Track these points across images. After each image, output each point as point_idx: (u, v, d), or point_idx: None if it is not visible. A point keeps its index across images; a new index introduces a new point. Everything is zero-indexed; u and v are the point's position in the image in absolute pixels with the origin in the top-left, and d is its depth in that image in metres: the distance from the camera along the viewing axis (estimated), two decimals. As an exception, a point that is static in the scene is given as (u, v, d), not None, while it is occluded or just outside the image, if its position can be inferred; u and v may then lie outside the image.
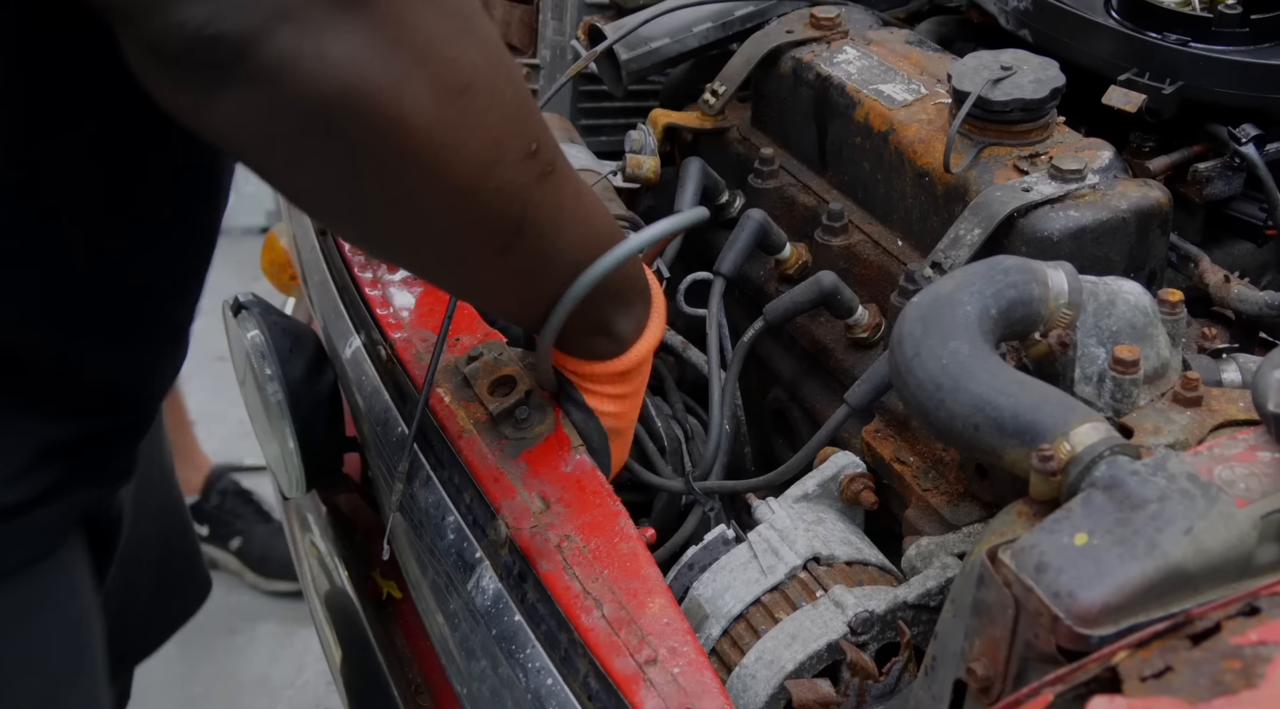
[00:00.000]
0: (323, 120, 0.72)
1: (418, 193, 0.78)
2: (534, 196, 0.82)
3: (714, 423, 1.05)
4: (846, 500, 1.02)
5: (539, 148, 0.81)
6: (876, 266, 1.14)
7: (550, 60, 1.55)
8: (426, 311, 1.17)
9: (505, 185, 0.80)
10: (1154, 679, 0.61)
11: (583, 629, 0.88)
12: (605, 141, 1.56)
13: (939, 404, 0.78)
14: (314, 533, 1.44)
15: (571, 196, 0.86)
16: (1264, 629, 0.62)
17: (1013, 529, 0.75)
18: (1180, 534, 0.67)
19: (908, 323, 0.82)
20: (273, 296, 1.49)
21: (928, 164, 1.09)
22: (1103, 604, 0.65)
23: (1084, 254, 1.00)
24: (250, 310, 1.19)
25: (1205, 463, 0.71)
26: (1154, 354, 0.86)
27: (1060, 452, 0.73)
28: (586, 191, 0.90)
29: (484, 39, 0.77)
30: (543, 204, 0.83)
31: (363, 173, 0.77)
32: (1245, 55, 1.15)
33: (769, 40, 1.27)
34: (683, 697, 0.82)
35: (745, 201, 1.27)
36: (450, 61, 0.74)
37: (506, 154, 0.78)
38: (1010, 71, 1.07)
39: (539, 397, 1.04)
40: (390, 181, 0.77)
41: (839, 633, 0.89)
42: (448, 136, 0.75)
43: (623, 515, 0.95)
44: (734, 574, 0.95)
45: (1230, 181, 1.17)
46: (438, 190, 0.78)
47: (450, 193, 0.79)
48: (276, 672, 2.43)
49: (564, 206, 0.86)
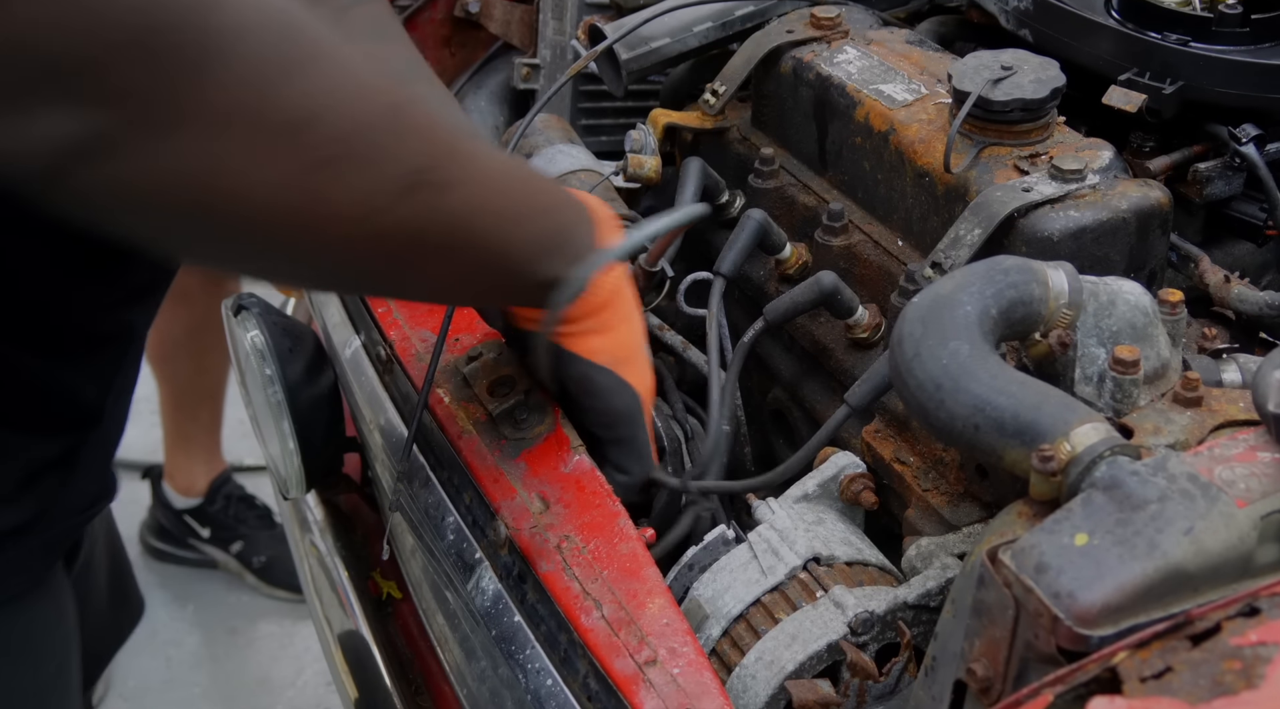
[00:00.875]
0: (179, 220, 0.71)
1: (311, 256, 0.77)
2: (439, 217, 0.79)
3: (712, 422, 1.05)
4: (847, 501, 1.02)
5: (426, 168, 0.77)
6: (877, 267, 1.14)
7: (550, 60, 1.55)
8: (426, 311, 1.17)
9: (398, 223, 0.77)
10: (1154, 680, 0.61)
11: (582, 630, 0.88)
12: (605, 141, 1.56)
13: (939, 404, 0.78)
14: (314, 533, 1.44)
15: (492, 192, 0.83)
16: (1264, 630, 0.62)
17: (1013, 529, 0.75)
18: (1180, 534, 0.67)
19: (908, 323, 0.82)
20: (272, 296, 1.50)
21: (928, 164, 1.09)
22: (1103, 605, 0.65)
23: (1084, 254, 1.00)
24: (250, 310, 1.19)
25: (1205, 463, 0.71)
26: (1154, 354, 0.86)
27: (1060, 452, 0.73)
28: (506, 172, 0.86)
29: (328, 91, 0.72)
30: (455, 215, 0.80)
31: (252, 251, 0.76)
32: (1245, 55, 1.14)
33: (769, 40, 1.27)
34: (682, 697, 0.82)
35: (745, 201, 1.27)
36: (288, 137, 0.70)
37: (380, 199, 0.75)
38: (1010, 71, 1.07)
39: (539, 397, 1.04)
40: (279, 252, 0.76)
41: (839, 633, 0.89)
42: (310, 210, 0.73)
43: (622, 516, 0.95)
44: (734, 575, 0.95)
45: (1230, 181, 1.17)
46: (332, 252, 0.77)
47: (342, 252, 0.77)
48: (276, 672, 2.43)
49: (486, 207, 0.82)
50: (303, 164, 0.71)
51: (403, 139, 0.77)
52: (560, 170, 1.26)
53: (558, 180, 1.24)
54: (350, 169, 0.73)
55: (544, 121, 1.35)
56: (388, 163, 0.75)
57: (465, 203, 0.81)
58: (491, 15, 1.62)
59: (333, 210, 0.73)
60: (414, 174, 0.77)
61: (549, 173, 1.26)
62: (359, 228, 0.75)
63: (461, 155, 0.81)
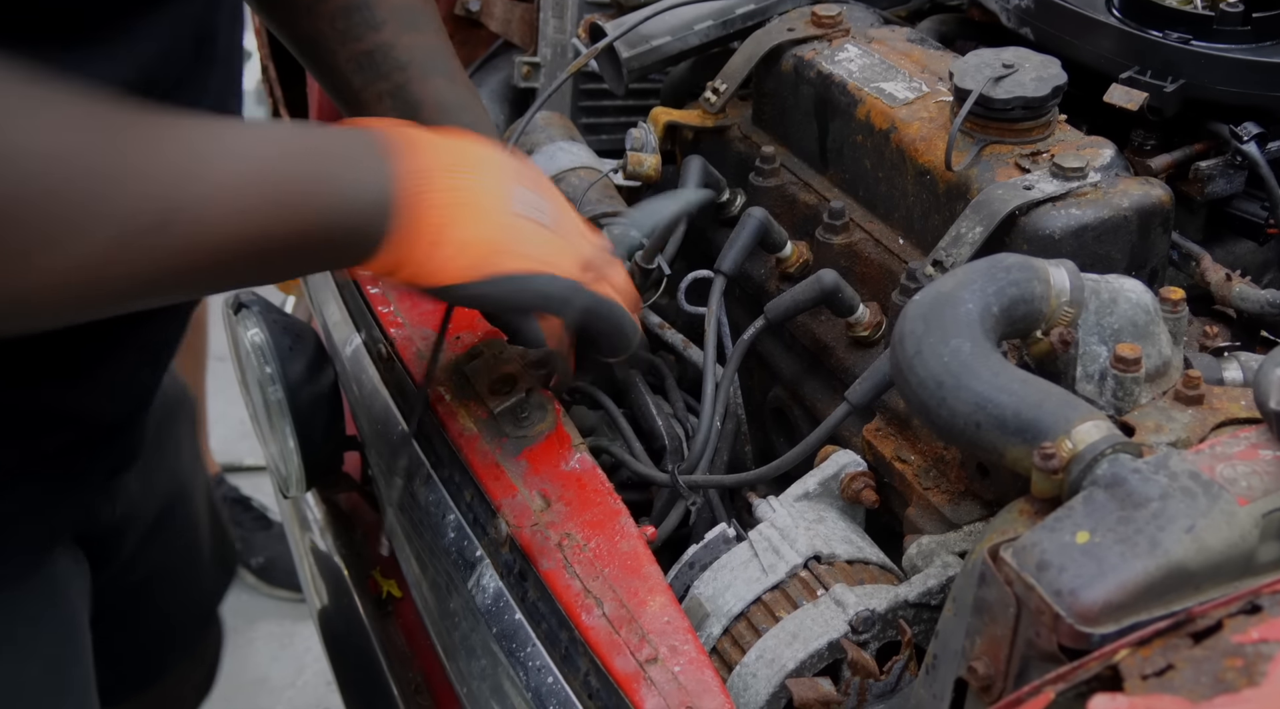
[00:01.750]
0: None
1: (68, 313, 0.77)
2: (182, 250, 0.76)
3: (704, 416, 1.05)
4: (847, 499, 1.02)
5: (143, 212, 0.73)
6: (878, 265, 1.14)
7: (551, 58, 1.55)
8: (427, 310, 1.17)
9: (131, 272, 0.74)
10: (1155, 677, 0.61)
11: (583, 628, 0.87)
12: (606, 139, 1.56)
13: (940, 402, 0.78)
14: (314, 532, 1.44)
15: (238, 195, 0.78)
16: (1265, 627, 0.62)
17: (1014, 527, 0.75)
18: (1182, 532, 0.66)
19: (909, 321, 0.82)
20: (272, 295, 1.49)
21: (929, 162, 1.09)
22: (1104, 602, 0.65)
23: (1085, 252, 1.00)
24: (250, 309, 1.19)
25: (1207, 461, 0.71)
26: (1155, 352, 0.86)
27: (1062, 450, 0.73)
28: (255, 165, 0.80)
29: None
30: (197, 242, 0.76)
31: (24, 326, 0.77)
32: (1247, 53, 1.14)
33: (770, 38, 1.27)
34: (683, 695, 0.82)
35: (746, 200, 1.27)
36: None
37: (92, 264, 0.72)
38: (1012, 69, 1.06)
39: (539, 395, 1.04)
40: (38, 318, 0.76)
41: (840, 631, 0.89)
42: (27, 292, 0.71)
43: (623, 514, 0.95)
44: (735, 573, 0.95)
45: (1232, 180, 1.17)
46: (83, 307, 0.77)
47: (104, 305, 0.77)
48: (276, 672, 2.43)
49: (233, 215, 0.78)
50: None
51: (107, 199, 0.72)
52: (560, 167, 1.25)
53: (554, 178, 1.24)
54: (46, 248, 0.70)
55: (545, 119, 1.35)
56: (93, 228, 0.71)
57: (206, 226, 0.77)
58: (492, 13, 1.62)
59: (54, 281, 0.71)
60: (129, 228, 0.73)
61: (549, 171, 1.26)
62: (95, 285, 0.73)
63: (193, 175, 0.76)
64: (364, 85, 1.12)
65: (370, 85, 1.12)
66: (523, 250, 0.88)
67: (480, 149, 0.90)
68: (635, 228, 1.05)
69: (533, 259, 0.88)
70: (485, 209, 0.87)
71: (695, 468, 1.05)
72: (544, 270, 0.89)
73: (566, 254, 0.91)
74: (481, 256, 0.86)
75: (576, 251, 0.91)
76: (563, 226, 0.92)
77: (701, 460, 1.05)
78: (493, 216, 0.87)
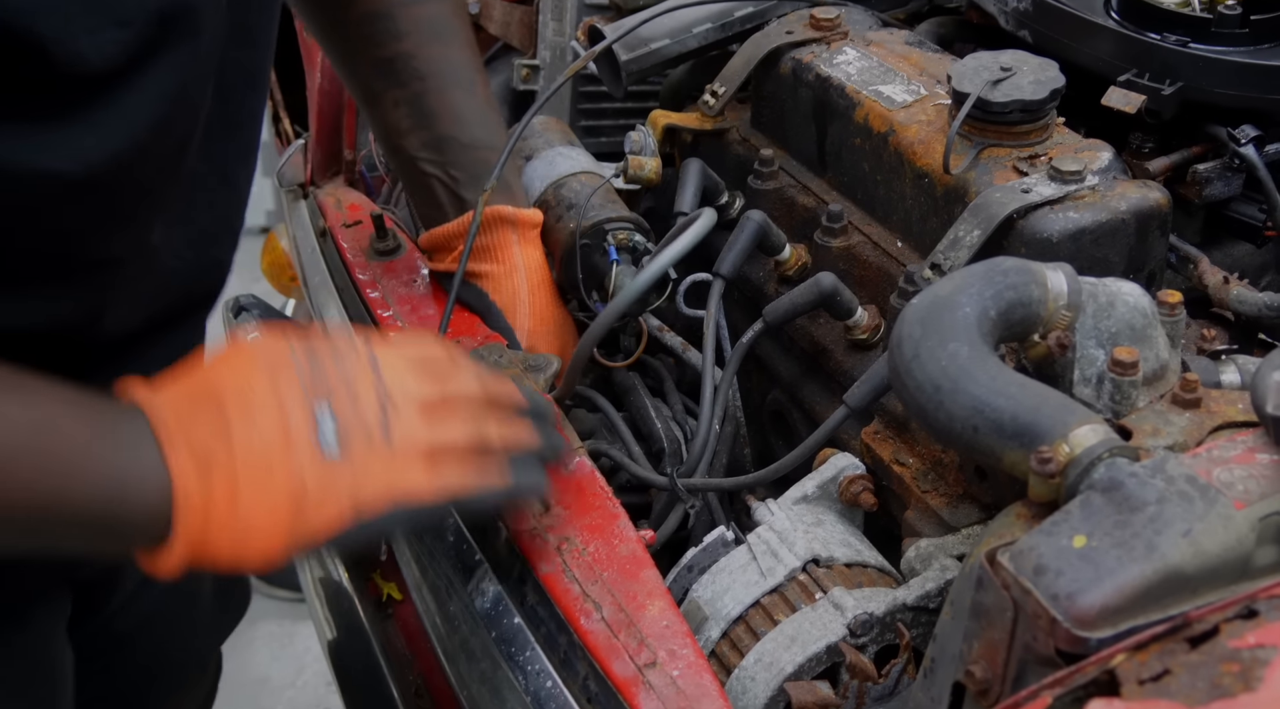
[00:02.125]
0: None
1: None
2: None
3: (703, 419, 1.05)
4: (846, 502, 1.02)
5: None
6: (876, 268, 1.14)
7: (550, 61, 1.55)
8: (426, 314, 1.17)
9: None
10: (1152, 682, 0.61)
11: (582, 632, 0.88)
12: (605, 142, 1.56)
13: (938, 406, 0.78)
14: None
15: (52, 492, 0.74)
16: (1262, 632, 0.62)
17: (1011, 531, 0.75)
18: (1179, 536, 0.67)
19: (907, 324, 0.82)
20: (272, 297, 1.50)
21: (927, 165, 1.09)
22: (1101, 607, 0.65)
23: (1083, 255, 1.00)
24: (250, 311, 1.20)
25: (1204, 465, 0.71)
26: (1153, 356, 0.86)
27: (1059, 454, 0.73)
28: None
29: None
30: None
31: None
32: (1245, 56, 1.14)
33: (769, 41, 1.27)
34: (682, 699, 0.82)
35: (745, 203, 1.27)
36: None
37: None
38: (1010, 72, 1.07)
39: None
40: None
41: (838, 635, 0.89)
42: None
43: (622, 518, 0.95)
44: (733, 576, 0.95)
45: (1229, 182, 1.17)
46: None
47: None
48: (276, 672, 2.43)
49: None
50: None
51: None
52: (560, 173, 1.26)
53: (554, 184, 1.24)
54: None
55: (543, 123, 1.35)
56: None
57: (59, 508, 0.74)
58: (491, 16, 1.62)
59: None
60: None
61: (548, 176, 1.26)
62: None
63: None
64: (383, 91, 1.14)
65: (388, 92, 1.14)
66: (339, 497, 0.77)
67: (259, 382, 0.78)
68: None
69: (361, 499, 0.78)
70: (276, 469, 0.76)
71: (694, 471, 1.05)
72: (379, 506, 0.79)
73: (398, 470, 0.80)
74: (289, 531, 0.77)
75: (409, 454, 0.80)
76: (393, 417, 0.80)
77: (700, 463, 1.05)
78: (292, 476, 0.76)
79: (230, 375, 0.79)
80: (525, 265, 1.15)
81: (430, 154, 1.16)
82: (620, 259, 1.16)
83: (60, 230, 0.82)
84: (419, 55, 1.13)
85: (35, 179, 0.75)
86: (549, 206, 1.23)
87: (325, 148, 1.53)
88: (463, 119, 1.15)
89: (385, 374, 0.81)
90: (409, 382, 0.82)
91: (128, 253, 0.89)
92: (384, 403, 0.80)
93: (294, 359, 0.79)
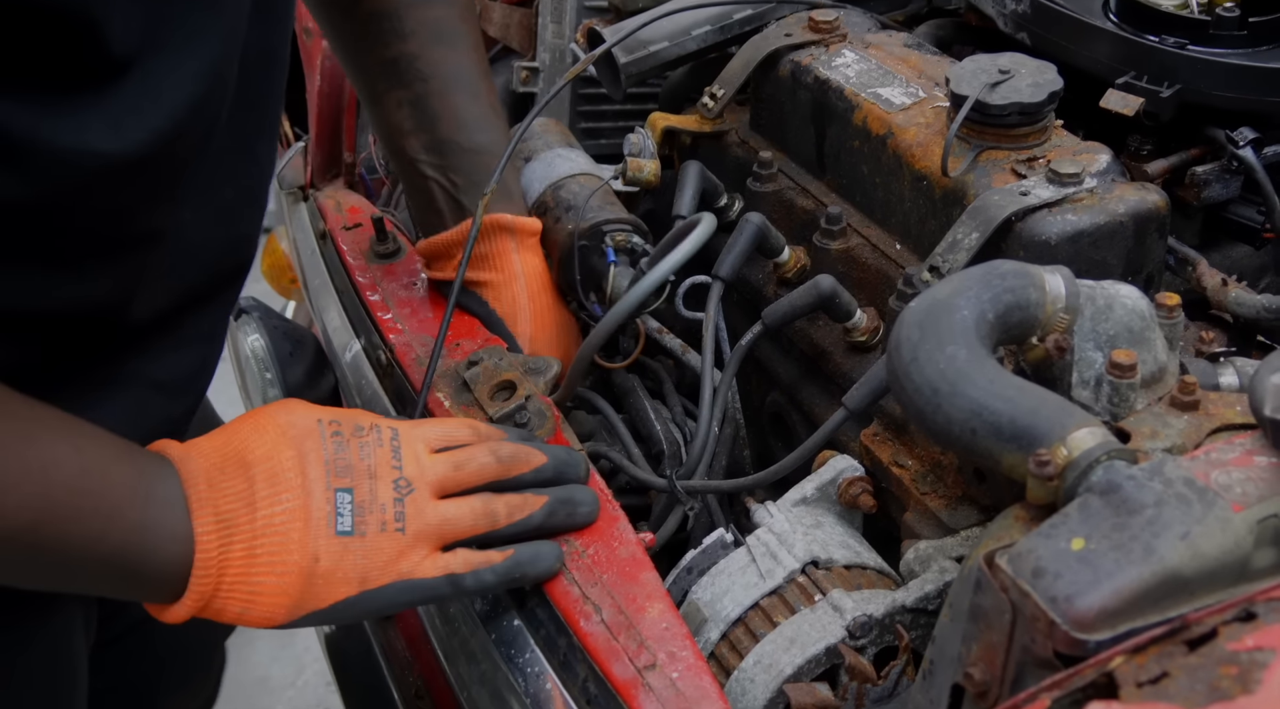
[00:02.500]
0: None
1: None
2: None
3: (702, 422, 1.06)
4: (845, 504, 1.02)
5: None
6: (875, 270, 1.14)
7: (549, 63, 1.55)
8: (426, 317, 1.17)
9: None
10: (1150, 685, 0.61)
11: (582, 634, 0.88)
12: (604, 144, 1.56)
13: (936, 409, 0.78)
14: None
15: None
16: (1260, 634, 0.63)
17: (1010, 533, 0.75)
18: (1177, 539, 0.67)
19: (905, 327, 0.82)
20: (273, 300, 1.50)
21: (926, 167, 1.09)
22: (1099, 609, 0.65)
23: (1082, 258, 1.00)
24: (251, 314, 1.20)
25: (1202, 467, 0.71)
26: (1151, 358, 0.87)
27: (1057, 456, 0.73)
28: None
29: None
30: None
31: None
32: (1243, 58, 1.15)
33: (767, 43, 1.27)
34: (682, 701, 0.82)
35: (744, 205, 1.27)
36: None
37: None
38: (1008, 75, 1.07)
39: (538, 401, 1.04)
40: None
41: (837, 637, 0.89)
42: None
43: (621, 520, 0.95)
44: (732, 578, 0.95)
45: (1228, 185, 1.17)
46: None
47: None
48: (276, 672, 2.43)
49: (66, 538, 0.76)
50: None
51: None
52: (559, 174, 1.26)
53: (553, 186, 1.25)
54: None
55: (543, 125, 1.35)
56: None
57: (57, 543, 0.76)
58: (490, 18, 1.62)
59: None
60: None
61: (547, 178, 1.26)
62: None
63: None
64: (386, 90, 1.15)
65: (392, 92, 1.14)
66: (348, 574, 0.82)
67: (287, 457, 0.83)
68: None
69: (368, 577, 0.83)
70: (292, 543, 0.81)
71: (693, 473, 1.05)
72: (383, 584, 0.83)
73: (406, 553, 0.84)
74: (296, 601, 0.81)
75: (419, 537, 0.85)
76: (409, 504, 0.85)
77: (699, 465, 1.05)
78: (306, 551, 0.81)
79: (260, 446, 0.83)
80: (525, 272, 1.15)
81: (431, 157, 1.16)
82: (618, 261, 1.17)
83: (109, 209, 0.84)
84: (423, 57, 1.14)
85: (83, 158, 0.77)
86: (547, 208, 1.23)
87: (325, 150, 1.54)
88: (465, 123, 1.15)
89: (405, 457, 0.87)
90: (426, 464, 0.88)
91: (165, 228, 0.91)
92: (401, 491, 0.86)
93: (322, 439, 0.84)
